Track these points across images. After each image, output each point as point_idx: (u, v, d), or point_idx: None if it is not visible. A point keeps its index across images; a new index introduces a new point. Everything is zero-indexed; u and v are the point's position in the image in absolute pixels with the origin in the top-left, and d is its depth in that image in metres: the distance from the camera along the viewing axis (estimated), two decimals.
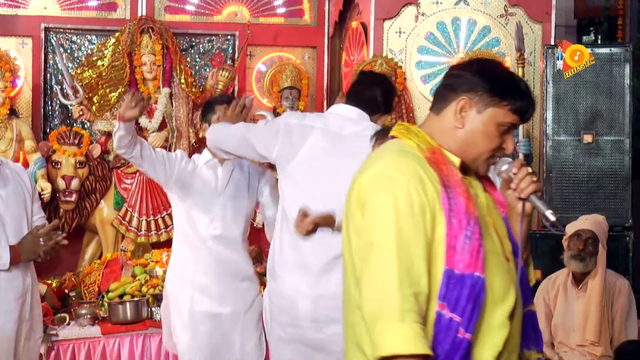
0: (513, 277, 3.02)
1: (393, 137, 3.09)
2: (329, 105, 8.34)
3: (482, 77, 3.00)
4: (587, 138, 7.27)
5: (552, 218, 3.00)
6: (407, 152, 2.96)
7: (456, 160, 3.01)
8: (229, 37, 8.26)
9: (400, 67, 7.65)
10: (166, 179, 5.49)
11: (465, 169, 3.04)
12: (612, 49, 7.39)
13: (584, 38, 8.39)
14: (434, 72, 7.79)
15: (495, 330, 2.93)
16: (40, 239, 5.05)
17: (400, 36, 7.78)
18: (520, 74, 7.28)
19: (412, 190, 2.83)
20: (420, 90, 7.80)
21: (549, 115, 7.36)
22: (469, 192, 2.92)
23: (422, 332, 2.73)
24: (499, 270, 2.94)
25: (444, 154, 2.98)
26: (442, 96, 3.05)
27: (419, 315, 2.75)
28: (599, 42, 8.01)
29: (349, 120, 4.76)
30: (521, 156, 7.11)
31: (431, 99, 7.83)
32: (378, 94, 4.87)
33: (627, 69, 7.26)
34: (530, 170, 3.06)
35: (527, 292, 3.16)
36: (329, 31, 8.57)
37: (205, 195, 5.54)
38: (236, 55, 8.17)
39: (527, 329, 3.18)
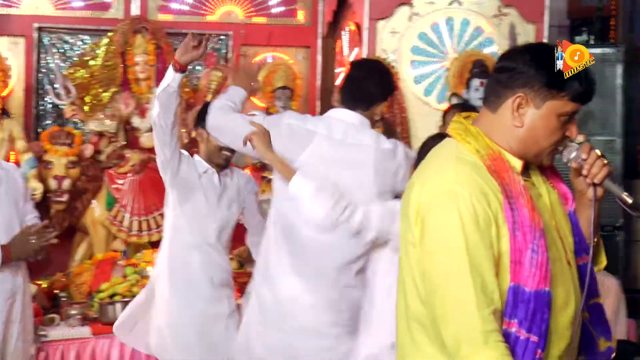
0: (575, 282, 2.90)
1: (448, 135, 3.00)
2: (322, 105, 8.34)
3: (536, 70, 2.86)
4: (579, 138, 7.21)
5: (630, 200, 2.87)
6: (466, 160, 2.84)
7: (518, 165, 2.90)
8: (222, 37, 8.23)
9: (394, 67, 7.59)
10: (173, 174, 5.43)
11: (527, 167, 2.96)
12: (605, 49, 7.41)
13: (577, 38, 8.37)
14: (427, 72, 7.75)
15: (556, 339, 2.82)
16: (31, 238, 5.02)
17: (394, 36, 7.74)
18: None
19: (476, 203, 2.72)
20: (413, 90, 7.74)
21: None
22: (532, 201, 2.80)
23: (507, 350, 2.65)
24: (562, 279, 2.84)
25: (505, 159, 2.86)
26: (495, 92, 2.92)
27: (501, 334, 2.67)
28: (592, 42, 7.99)
29: (351, 127, 4.61)
30: None
31: (424, 99, 7.83)
32: (372, 84, 4.72)
33: (619, 69, 7.27)
34: (599, 153, 2.92)
35: (592, 286, 2.99)
36: (322, 31, 8.54)
37: (204, 202, 5.52)
38: (229, 56, 8.13)
39: (593, 322, 3.07)
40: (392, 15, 7.76)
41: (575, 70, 2.82)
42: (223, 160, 5.59)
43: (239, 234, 5.85)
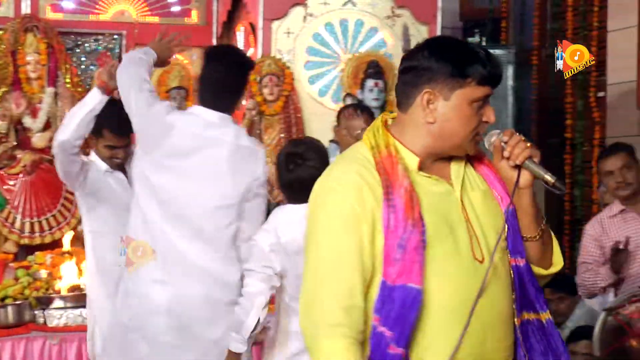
0: (483, 279, 2.75)
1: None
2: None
3: (437, 62, 2.78)
4: None
5: (552, 180, 2.78)
6: (357, 158, 2.80)
7: (414, 161, 2.80)
8: (115, 36, 8.17)
9: (289, 67, 7.60)
10: (81, 185, 5.29)
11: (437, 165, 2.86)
12: (496, 51, 7.51)
13: (469, 40, 8.46)
14: (321, 72, 7.80)
15: (446, 341, 2.72)
16: None
17: (288, 36, 7.76)
18: None
19: (347, 202, 2.70)
20: (307, 91, 7.79)
21: None
22: (414, 197, 2.72)
23: (352, 346, 2.63)
24: (458, 275, 2.74)
25: (397, 155, 2.79)
26: (404, 93, 2.84)
27: (352, 330, 2.64)
28: (484, 44, 8.10)
29: (210, 124, 4.52)
30: None
31: (319, 99, 7.82)
32: (232, 79, 4.62)
33: (510, 70, 7.40)
34: (523, 137, 2.83)
35: (527, 294, 2.85)
36: (217, 31, 8.54)
37: (116, 201, 5.34)
38: (123, 55, 8.03)
39: (528, 345, 2.85)
40: (286, 15, 7.80)
41: (478, 55, 2.78)
42: (115, 165, 5.50)
43: None
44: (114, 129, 5.38)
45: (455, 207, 2.81)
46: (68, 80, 7.56)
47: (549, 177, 2.78)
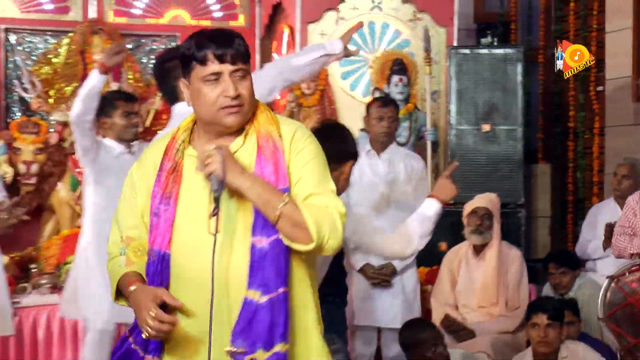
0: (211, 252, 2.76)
1: None
2: None
3: (176, 58, 3.01)
4: (485, 127, 7.41)
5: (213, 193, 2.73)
6: (162, 139, 2.98)
7: (184, 138, 2.90)
8: (171, 37, 8.22)
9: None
10: (92, 159, 5.55)
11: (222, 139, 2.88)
12: (506, 50, 7.55)
13: (482, 40, 8.48)
14: (352, 69, 7.89)
15: (190, 300, 2.78)
16: (1, 213, 5.03)
17: (322, 37, 7.79)
18: (427, 71, 7.43)
19: (133, 172, 2.94)
20: (340, 85, 7.88)
21: (453, 107, 7.49)
22: (174, 170, 2.84)
23: (120, 262, 2.94)
24: (196, 249, 2.77)
25: (177, 136, 2.91)
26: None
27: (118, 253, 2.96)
28: (495, 44, 8.13)
29: None
30: (429, 144, 7.24)
31: (350, 93, 7.93)
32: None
33: (519, 67, 7.41)
34: (212, 153, 2.74)
35: (263, 273, 2.74)
36: (260, 33, 8.57)
37: (118, 182, 5.51)
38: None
39: (241, 322, 2.73)
40: (321, 19, 7.86)
41: (200, 35, 2.86)
42: (134, 134, 5.71)
43: None
44: (124, 96, 5.78)
45: (199, 187, 2.83)
46: (130, 76, 7.70)
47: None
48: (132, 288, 2.80)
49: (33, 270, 6.81)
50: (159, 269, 2.79)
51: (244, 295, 2.72)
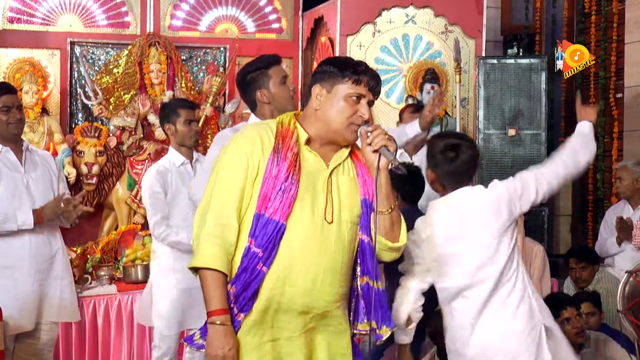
0: (336, 244, 3.01)
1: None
2: (302, 106, 8.38)
3: (325, 66, 3.08)
4: (511, 132, 7.39)
5: (395, 163, 2.92)
6: (265, 124, 3.09)
7: (303, 136, 3.03)
8: (221, 49, 8.23)
9: None
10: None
11: (324, 144, 3.08)
12: (531, 59, 7.50)
13: (509, 51, 8.47)
14: (388, 78, 7.85)
15: (297, 274, 2.96)
16: (61, 203, 5.06)
17: (360, 49, 7.84)
18: (457, 80, 7.41)
19: (239, 150, 2.97)
20: None
21: (481, 113, 7.47)
22: (296, 160, 2.96)
23: (219, 253, 2.90)
24: (310, 225, 2.96)
25: (294, 130, 3.03)
26: (307, 94, 3.12)
27: (223, 241, 2.91)
28: (521, 54, 8.09)
29: None
30: None
31: (385, 100, 7.91)
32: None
33: (543, 76, 7.37)
34: (384, 130, 3.00)
35: (367, 265, 3.08)
36: (302, 44, 8.59)
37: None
38: (227, 65, 8.19)
39: (366, 302, 3.11)
40: (358, 32, 7.87)
41: (357, 62, 3.07)
42: (195, 141, 5.62)
43: None
44: (187, 104, 5.65)
45: (322, 181, 3.00)
46: (183, 85, 7.71)
47: (393, 160, 2.93)
48: (221, 319, 2.93)
49: (94, 263, 6.86)
50: (272, 236, 2.91)
51: (365, 280, 3.08)
